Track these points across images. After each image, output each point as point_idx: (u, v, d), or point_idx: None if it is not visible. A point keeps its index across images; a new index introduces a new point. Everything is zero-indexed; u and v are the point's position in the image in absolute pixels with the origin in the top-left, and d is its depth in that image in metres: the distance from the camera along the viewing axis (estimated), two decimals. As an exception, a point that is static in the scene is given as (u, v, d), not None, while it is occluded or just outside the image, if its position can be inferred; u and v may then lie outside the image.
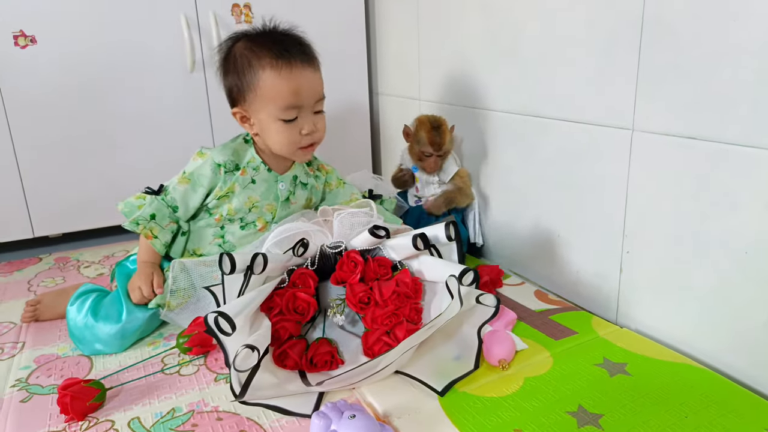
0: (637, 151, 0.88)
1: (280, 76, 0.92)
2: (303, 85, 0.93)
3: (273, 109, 0.93)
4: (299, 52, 0.94)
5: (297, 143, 0.96)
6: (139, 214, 0.97)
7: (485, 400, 0.75)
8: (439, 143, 1.16)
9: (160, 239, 0.97)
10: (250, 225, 1.03)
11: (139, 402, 0.79)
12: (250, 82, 0.93)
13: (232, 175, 0.99)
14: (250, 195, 1.01)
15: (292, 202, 1.05)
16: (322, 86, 0.98)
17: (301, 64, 0.94)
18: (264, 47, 0.93)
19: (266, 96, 0.93)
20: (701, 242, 0.81)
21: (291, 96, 0.93)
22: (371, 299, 0.86)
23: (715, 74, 0.75)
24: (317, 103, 0.97)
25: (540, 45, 1.03)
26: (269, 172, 1.02)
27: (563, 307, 1.01)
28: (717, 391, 0.74)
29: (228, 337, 0.76)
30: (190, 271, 0.96)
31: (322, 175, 1.12)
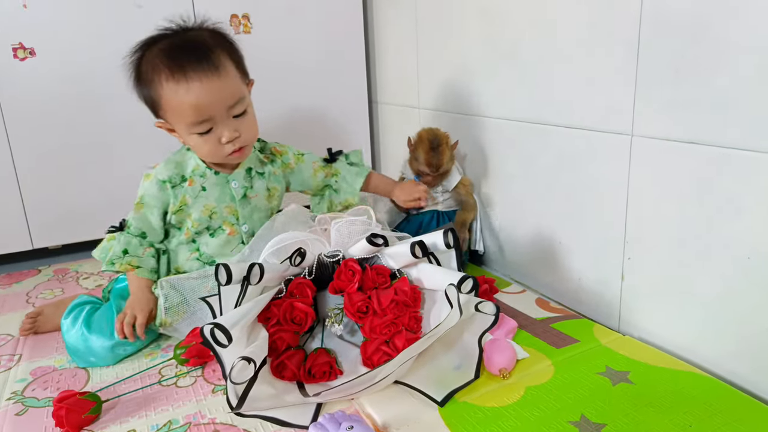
0: (636, 157, 0.87)
1: (178, 92, 0.87)
2: (204, 98, 0.87)
3: (182, 125, 0.90)
4: (196, 60, 0.87)
5: (221, 152, 0.92)
6: (111, 255, 0.96)
7: (486, 410, 0.74)
8: (436, 165, 1.14)
9: (143, 267, 0.97)
10: (219, 231, 1.00)
11: (136, 414, 0.78)
12: (155, 97, 0.90)
13: (180, 188, 0.97)
14: (205, 203, 0.98)
15: (252, 196, 1.01)
16: (234, 89, 0.90)
17: (197, 75, 0.86)
18: (162, 58, 0.87)
19: (172, 112, 0.89)
20: (703, 248, 0.80)
21: (193, 112, 0.87)
22: (370, 308, 0.85)
23: (714, 77, 0.74)
24: (233, 108, 0.90)
25: (538, 52, 1.03)
26: (217, 174, 0.98)
27: (564, 315, 1.00)
28: (721, 400, 0.73)
29: (224, 349, 0.75)
30: (178, 287, 0.95)
31: (278, 157, 1.07)
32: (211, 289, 0.93)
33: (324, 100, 1.57)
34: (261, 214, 1.03)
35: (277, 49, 1.49)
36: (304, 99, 1.55)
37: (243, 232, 1.01)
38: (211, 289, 0.92)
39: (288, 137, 1.55)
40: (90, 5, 1.30)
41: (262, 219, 1.03)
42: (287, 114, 1.53)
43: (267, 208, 1.04)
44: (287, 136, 1.54)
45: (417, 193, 1.11)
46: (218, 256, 1.00)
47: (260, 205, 1.02)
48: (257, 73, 1.49)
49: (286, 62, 1.50)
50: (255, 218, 1.02)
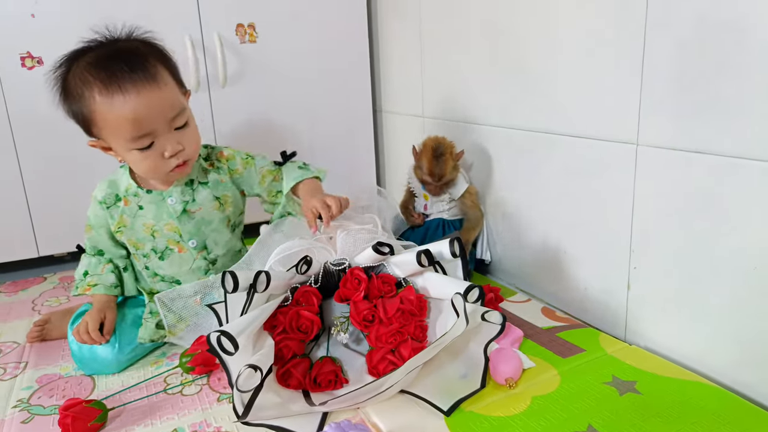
0: (642, 166, 0.87)
1: (113, 106, 0.80)
2: (142, 110, 0.81)
3: (120, 140, 0.84)
4: (131, 71, 0.81)
5: (164, 168, 0.87)
6: (75, 281, 0.97)
7: (492, 420, 0.74)
8: (438, 174, 1.13)
9: (102, 284, 0.96)
10: (167, 251, 0.96)
11: (141, 422, 0.78)
12: (87, 114, 0.83)
13: (116, 208, 0.94)
14: (143, 222, 0.94)
15: (194, 210, 0.95)
16: (173, 100, 0.85)
17: (134, 87, 0.80)
18: (92, 71, 0.81)
19: (108, 128, 0.83)
20: (709, 257, 0.80)
21: (132, 126, 0.82)
22: (375, 317, 0.85)
23: (720, 87, 0.74)
24: (175, 120, 0.85)
25: (543, 61, 1.03)
26: (150, 193, 0.93)
27: (570, 324, 1.00)
28: (730, 410, 0.73)
29: (231, 357, 0.75)
30: (172, 306, 0.93)
31: (224, 163, 0.99)
32: (201, 303, 0.92)
33: (329, 109, 1.58)
34: (213, 226, 0.98)
35: (283, 58, 1.49)
36: (309, 108, 1.55)
37: (191, 248, 0.97)
38: (201, 302, 0.91)
39: (292, 145, 1.55)
40: (97, 16, 1.30)
41: (216, 231, 0.98)
42: (292, 122, 1.54)
43: (220, 218, 0.98)
44: (291, 145, 1.55)
45: (314, 210, 0.92)
46: (179, 276, 0.99)
47: (209, 217, 0.97)
48: (263, 81, 1.51)
49: (291, 71, 1.51)
50: (205, 231, 0.97)
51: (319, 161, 1.58)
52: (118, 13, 1.30)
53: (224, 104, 1.46)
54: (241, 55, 1.45)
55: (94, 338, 0.90)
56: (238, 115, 1.48)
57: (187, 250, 0.97)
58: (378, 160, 1.72)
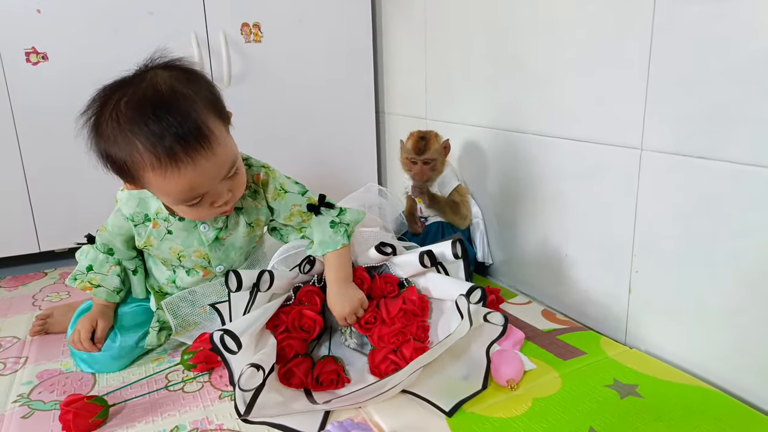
0: (646, 171, 0.87)
1: (165, 179, 0.73)
2: (198, 179, 0.74)
3: (170, 201, 0.80)
4: (184, 139, 0.71)
5: (211, 214, 0.82)
6: (75, 271, 0.94)
7: (493, 421, 0.74)
8: (421, 149, 1.16)
9: (105, 287, 0.93)
10: (193, 272, 0.94)
11: (142, 419, 0.78)
12: (132, 174, 0.75)
13: (144, 227, 0.89)
14: (170, 246, 0.90)
15: (225, 237, 0.90)
16: (228, 157, 0.77)
17: (189, 157, 0.72)
18: (139, 136, 0.71)
19: (156, 192, 0.79)
20: (712, 262, 0.80)
21: (186, 193, 0.75)
22: (377, 318, 0.85)
23: (726, 92, 0.75)
24: (228, 174, 0.78)
25: (547, 64, 1.03)
26: (181, 221, 0.87)
27: (571, 327, 1.00)
28: (731, 415, 0.73)
29: (233, 356, 0.75)
30: (178, 309, 0.92)
31: (260, 188, 0.91)
32: (208, 311, 0.91)
33: (332, 110, 1.58)
34: (240, 251, 0.95)
35: (287, 59, 1.50)
36: (312, 108, 1.56)
37: (217, 273, 0.94)
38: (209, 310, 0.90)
39: (296, 146, 1.56)
40: (103, 11, 1.31)
41: (242, 255, 0.96)
42: (295, 123, 1.54)
43: (249, 241, 0.95)
44: (295, 145, 1.56)
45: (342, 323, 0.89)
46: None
47: (239, 243, 0.93)
48: (266, 81, 1.51)
49: (295, 71, 1.51)
50: (233, 257, 0.94)
51: (322, 162, 1.59)
52: (124, 10, 1.32)
53: (229, 104, 1.44)
54: (245, 54, 1.45)
55: (85, 347, 0.89)
56: (241, 115, 1.46)
57: (212, 273, 0.95)
58: (380, 161, 1.72)
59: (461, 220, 1.20)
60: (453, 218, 1.20)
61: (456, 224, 1.21)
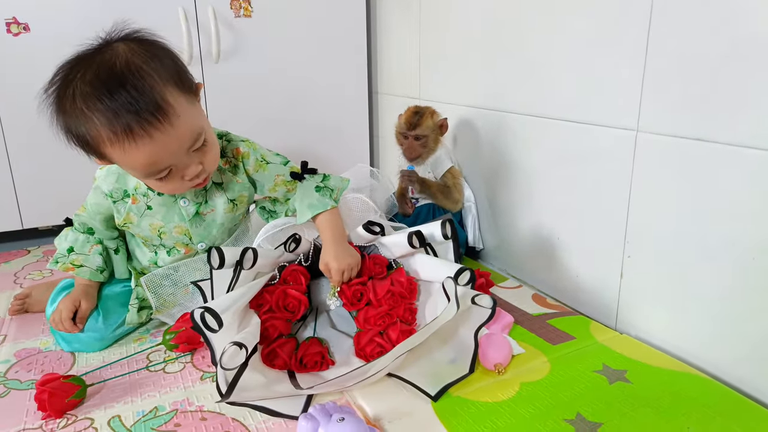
0: (641, 153, 0.85)
1: (126, 153, 0.72)
2: (159, 153, 0.73)
3: (137, 175, 0.79)
4: (138, 113, 0.70)
5: (184, 187, 0.81)
6: (56, 254, 0.92)
7: (480, 405, 0.73)
8: (413, 123, 1.14)
9: (88, 267, 0.91)
10: (174, 250, 0.93)
11: (121, 400, 0.76)
12: (96, 151, 0.75)
13: (123, 203, 0.88)
14: (150, 222, 0.88)
15: (206, 212, 0.90)
16: (190, 128, 0.75)
17: (146, 132, 0.71)
18: (96, 113, 0.70)
19: (121, 165, 0.78)
20: (706, 247, 0.78)
21: (148, 167, 0.75)
22: (364, 296, 0.84)
23: (725, 72, 0.72)
24: (193, 146, 0.77)
25: (542, 43, 1.01)
26: (161, 195, 0.87)
27: (561, 312, 0.98)
28: (721, 402, 0.72)
29: (215, 334, 0.73)
30: (159, 287, 0.90)
31: (239, 161, 0.90)
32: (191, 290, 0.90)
33: (324, 89, 1.55)
34: (222, 228, 0.93)
35: (278, 35, 1.46)
36: (304, 87, 1.52)
37: (199, 250, 0.93)
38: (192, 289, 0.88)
39: (286, 125, 1.53)
40: (87, -18, 1.27)
41: (224, 232, 0.94)
42: (286, 102, 1.51)
43: (231, 218, 0.93)
44: (285, 124, 1.53)
45: (336, 276, 0.86)
46: None
47: (220, 219, 0.91)
48: (256, 58, 1.48)
49: (286, 49, 1.48)
50: (215, 234, 0.92)
51: (313, 142, 1.56)
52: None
53: (217, 80, 1.42)
54: (235, 30, 1.41)
55: (66, 327, 0.87)
56: (231, 92, 1.45)
57: (194, 250, 0.93)
58: (372, 142, 1.69)
59: (453, 204, 1.18)
60: (444, 203, 1.18)
61: (448, 208, 1.19)
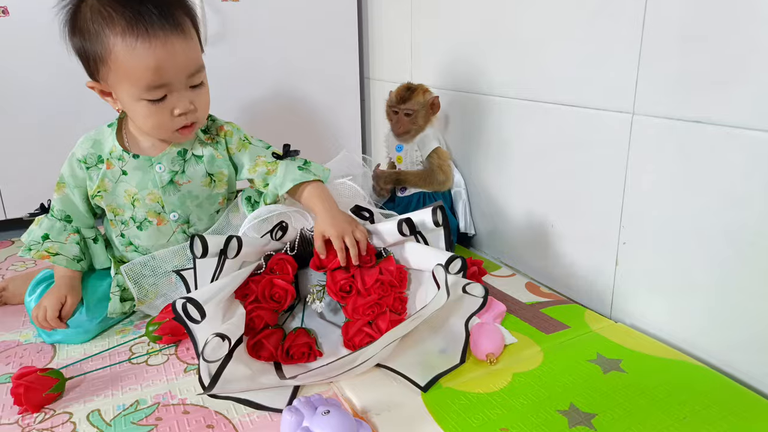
0: (637, 136, 0.83)
1: (135, 50, 0.75)
2: (166, 61, 0.76)
3: (132, 88, 0.78)
4: (161, 16, 0.75)
5: (170, 126, 0.81)
6: (30, 239, 0.88)
7: (471, 396, 0.71)
8: (404, 98, 1.13)
9: (64, 255, 0.88)
10: (146, 223, 0.90)
11: (102, 393, 0.74)
12: (100, 52, 0.77)
13: (97, 169, 0.87)
14: (126, 188, 0.87)
15: (181, 183, 0.88)
16: (196, 55, 0.81)
17: (163, 33, 0.75)
18: (118, 7, 0.75)
19: (121, 72, 0.77)
20: (704, 233, 0.76)
21: (151, 74, 0.76)
22: (353, 287, 0.81)
23: (725, 49, 0.70)
24: (192, 77, 0.80)
25: (535, 24, 0.98)
26: (137, 158, 0.86)
27: (555, 300, 0.96)
28: (718, 391, 0.70)
29: (197, 325, 0.71)
30: (140, 277, 0.88)
31: (222, 138, 0.91)
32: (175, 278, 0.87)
33: (314, 75, 1.51)
34: (198, 201, 0.91)
35: (267, 19, 1.42)
36: (293, 73, 1.49)
37: (172, 221, 0.90)
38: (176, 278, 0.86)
39: (275, 112, 1.50)
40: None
41: (201, 207, 0.92)
42: (275, 88, 1.48)
43: (208, 195, 0.91)
44: (274, 111, 1.50)
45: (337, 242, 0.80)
46: (154, 248, 0.91)
47: (196, 191, 0.90)
48: (244, 43, 1.44)
49: (275, 33, 1.44)
50: (190, 206, 0.90)
51: (303, 129, 1.53)
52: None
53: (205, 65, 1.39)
54: (222, 13, 1.38)
55: (52, 325, 0.84)
56: (217, 79, 1.39)
57: (167, 222, 0.90)
58: (364, 128, 1.66)
59: (439, 186, 1.16)
60: (430, 187, 1.16)
61: (435, 190, 1.16)
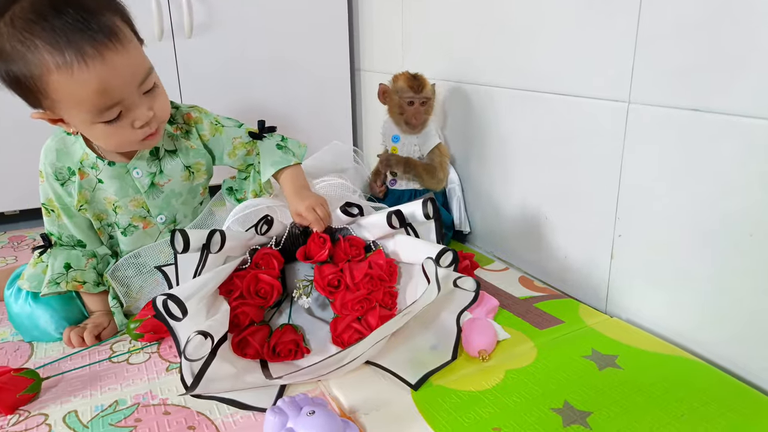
0: (633, 126, 0.80)
1: (73, 78, 0.66)
2: (111, 79, 0.68)
3: (82, 114, 0.70)
4: (89, 29, 0.65)
5: (134, 139, 0.75)
6: (50, 275, 0.83)
7: (462, 395, 0.68)
8: (418, 86, 1.09)
9: (88, 282, 0.85)
10: (130, 228, 0.86)
11: (79, 393, 0.71)
12: (36, 87, 0.67)
13: (71, 183, 0.81)
14: (105, 196, 0.83)
15: (162, 183, 0.84)
16: (140, 60, 0.72)
17: (97, 50, 0.66)
18: (40, 35, 0.64)
19: (65, 102, 0.69)
20: (701, 224, 0.74)
21: (98, 97, 0.68)
22: (341, 282, 0.79)
23: (723, 36, 0.68)
24: (143, 84, 0.72)
25: (528, 11, 0.95)
26: (112, 165, 0.81)
27: (549, 295, 0.94)
28: (716, 387, 0.68)
29: (179, 323, 0.68)
30: (126, 279, 0.86)
31: (192, 127, 0.86)
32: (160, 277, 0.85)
33: (304, 65, 1.48)
34: (182, 198, 0.88)
35: (254, 9, 1.39)
36: (282, 63, 1.46)
37: (159, 224, 0.88)
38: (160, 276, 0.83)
39: (265, 106, 1.47)
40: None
41: (185, 203, 0.89)
42: (263, 79, 1.45)
43: (190, 189, 0.88)
44: (264, 105, 1.46)
45: (309, 215, 0.81)
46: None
47: (178, 188, 0.86)
48: (232, 32, 1.40)
49: (263, 23, 1.41)
50: (175, 205, 0.88)
51: (293, 121, 1.50)
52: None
53: (190, 56, 1.36)
54: (208, 3, 1.34)
55: (87, 342, 0.81)
56: (204, 69, 1.38)
57: (154, 225, 0.87)
58: (355, 120, 1.63)
59: (436, 184, 1.13)
60: (429, 183, 1.13)
61: (431, 188, 1.14)
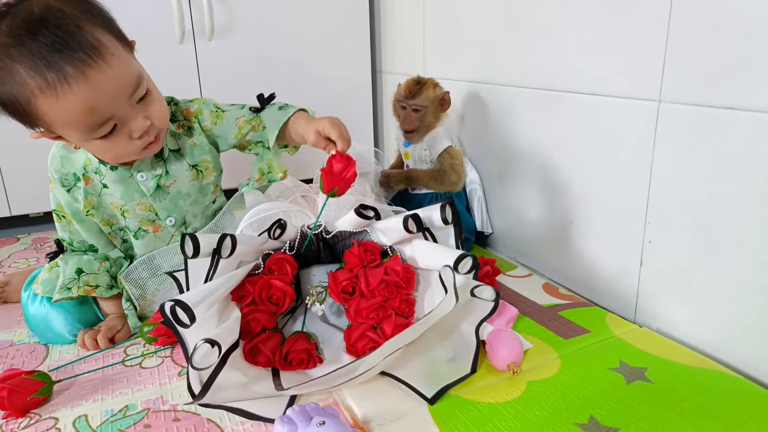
0: (664, 126, 0.76)
1: (60, 101, 0.65)
2: (98, 97, 0.66)
3: (76, 133, 0.70)
4: (68, 53, 0.64)
5: (134, 150, 0.74)
6: (62, 281, 0.82)
7: (481, 407, 0.65)
8: (412, 93, 1.07)
9: (101, 286, 0.84)
10: (141, 232, 0.85)
11: (90, 397, 0.70)
12: (26, 111, 0.67)
13: (77, 189, 0.81)
14: (111, 201, 0.82)
15: (168, 185, 0.83)
16: (128, 70, 0.70)
17: (79, 72, 0.64)
18: (19, 61, 0.63)
19: (57, 124, 0.68)
20: (737, 230, 0.69)
21: (87, 116, 0.67)
22: (356, 289, 0.76)
23: (760, 28, 0.63)
24: (134, 94, 0.70)
25: (554, 9, 0.92)
26: (115, 170, 0.80)
27: (575, 303, 0.90)
28: (755, 404, 0.64)
29: (187, 330, 0.66)
30: (136, 283, 0.85)
31: (194, 122, 0.85)
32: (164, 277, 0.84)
33: (324, 68, 1.47)
34: (191, 198, 0.86)
35: (275, 11, 1.38)
36: (303, 66, 1.45)
37: (169, 226, 0.86)
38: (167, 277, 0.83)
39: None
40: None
41: (194, 203, 0.87)
42: (283, 81, 1.43)
43: (200, 188, 0.87)
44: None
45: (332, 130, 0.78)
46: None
47: (185, 189, 0.85)
48: (253, 35, 1.40)
49: (284, 25, 1.40)
50: (183, 206, 0.86)
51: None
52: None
53: (211, 59, 1.36)
54: (229, 5, 1.34)
55: (101, 345, 0.81)
56: (225, 71, 1.38)
57: (164, 228, 0.86)
58: (376, 122, 1.61)
59: (451, 187, 1.10)
60: (441, 188, 1.11)
61: (448, 191, 1.11)
